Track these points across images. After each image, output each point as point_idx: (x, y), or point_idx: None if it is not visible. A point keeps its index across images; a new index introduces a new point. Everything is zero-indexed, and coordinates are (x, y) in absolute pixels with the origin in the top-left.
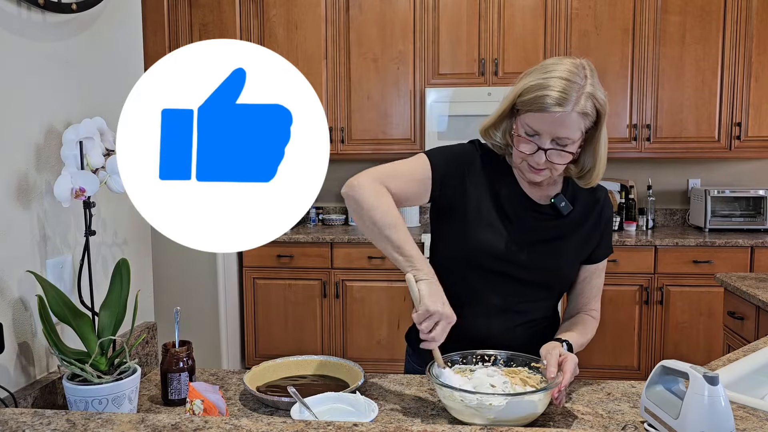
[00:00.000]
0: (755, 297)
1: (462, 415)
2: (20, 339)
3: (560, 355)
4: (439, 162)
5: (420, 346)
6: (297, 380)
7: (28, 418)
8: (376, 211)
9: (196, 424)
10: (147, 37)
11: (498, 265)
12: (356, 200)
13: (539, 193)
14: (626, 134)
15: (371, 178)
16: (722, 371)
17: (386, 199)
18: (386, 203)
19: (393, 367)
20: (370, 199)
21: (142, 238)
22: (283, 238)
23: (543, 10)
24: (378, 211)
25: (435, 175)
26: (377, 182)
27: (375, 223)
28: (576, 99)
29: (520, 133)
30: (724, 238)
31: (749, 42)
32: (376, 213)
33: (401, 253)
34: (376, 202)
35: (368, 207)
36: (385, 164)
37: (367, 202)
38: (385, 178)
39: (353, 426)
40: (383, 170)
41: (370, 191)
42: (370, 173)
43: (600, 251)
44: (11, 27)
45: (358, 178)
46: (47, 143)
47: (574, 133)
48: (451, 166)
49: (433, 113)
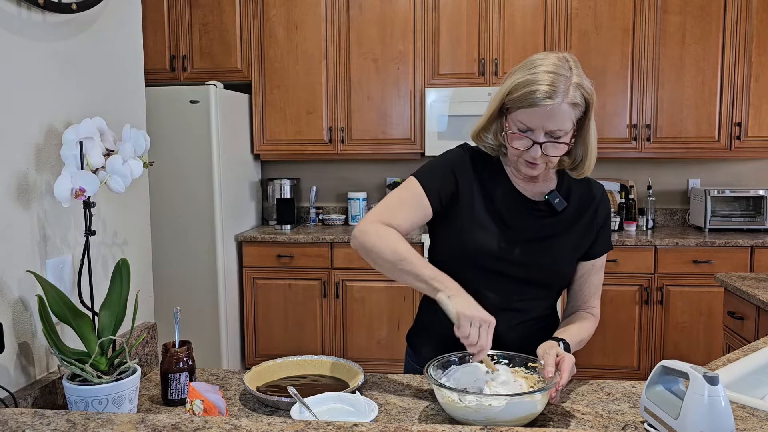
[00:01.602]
0: (755, 297)
1: (461, 416)
2: (20, 339)
3: (557, 355)
4: (429, 182)
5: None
6: (297, 380)
7: (28, 418)
8: (385, 251)
9: (196, 424)
10: (147, 37)
11: (495, 264)
12: (364, 247)
13: (533, 190)
14: (626, 134)
15: (372, 221)
16: (722, 371)
17: (392, 236)
18: (393, 241)
19: (393, 367)
20: (376, 241)
21: (142, 238)
22: (283, 238)
23: (543, 10)
24: (386, 251)
25: (430, 196)
26: (379, 223)
27: (387, 261)
28: (565, 90)
29: (513, 130)
30: (724, 238)
31: (749, 42)
32: (385, 253)
33: (421, 279)
34: (381, 243)
35: (377, 250)
36: (382, 202)
37: (374, 246)
38: (386, 216)
39: (353, 426)
40: (381, 209)
41: (373, 235)
42: (371, 216)
43: (597, 248)
44: (11, 27)
45: (360, 225)
46: (47, 143)
47: (566, 123)
48: (443, 179)
49: (433, 113)
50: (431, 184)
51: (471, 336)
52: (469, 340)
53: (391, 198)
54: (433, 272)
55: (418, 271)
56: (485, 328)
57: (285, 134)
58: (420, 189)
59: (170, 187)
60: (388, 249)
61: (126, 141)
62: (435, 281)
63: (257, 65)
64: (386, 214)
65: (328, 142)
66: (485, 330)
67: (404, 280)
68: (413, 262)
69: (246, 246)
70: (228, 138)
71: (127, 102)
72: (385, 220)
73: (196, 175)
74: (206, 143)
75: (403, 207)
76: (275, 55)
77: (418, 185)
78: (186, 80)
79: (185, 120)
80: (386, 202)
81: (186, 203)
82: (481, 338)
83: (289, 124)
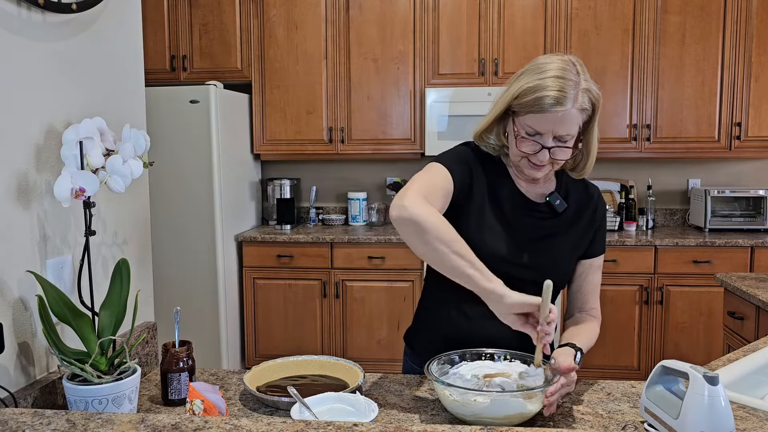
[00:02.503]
0: (755, 297)
1: (451, 409)
2: (20, 339)
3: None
4: (457, 172)
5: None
6: (297, 380)
7: (28, 418)
8: (441, 229)
9: (196, 424)
10: (147, 37)
11: (499, 265)
12: (416, 222)
13: (535, 192)
14: (626, 134)
15: (419, 196)
16: (722, 371)
17: (441, 215)
18: (443, 220)
19: (393, 367)
20: (430, 217)
21: (142, 238)
22: (283, 238)
23: (543, 10)
24: (442, 229)
25: (456, 186)
26: (425, 200)
27: (443, 241)
28: (574, 96)
29: (521, 134)
30: (724, 238)
31: (749, 42)
32: (441, 231)
33: (475, 267)
34: (436, 220)
35: (431, 227)
36: (416, 180)
37: (429, 222)
38: (428, 194)
39: (353, 426)
40: (422, 187)
41: (425, 210)
42: (414, 192)
43: (595, 247)
44: (11, 27)
45: (407, 198)
46: (47, 143)
47: (573, 128)
48: (465, 172)
49: (433, 113)
50: (457, 174)
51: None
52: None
53: (427, 178)
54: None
55: (473, 258)
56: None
57: (285, 134)
58: (449, 176)
59: (170, 187)
60: (443, 227)
61: (126, 141)
62: (487, 272)
63: (257, 65)
64: (427, 193)
65: (328, 142)
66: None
67: (453, 265)
68: (465, 247)
69: (246, 246)
70: (228, 138)
71: (127, 102)
72: (428, 199)
73: (196, 175)
74: (206, 143)
75: (438, 191)
76: (275, 55)
77: (447, 173)
78: (186, 80)
79: (185, 120)
80: (424, 181)
81: (186, 203)
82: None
83: (289, 124)
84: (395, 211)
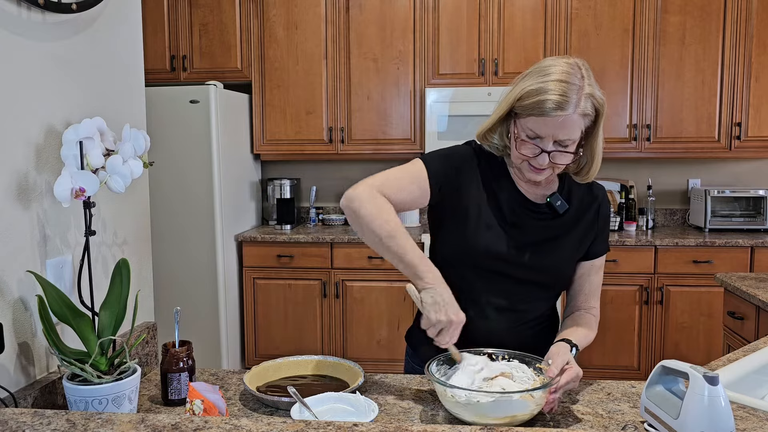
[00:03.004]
0: (755, 297)
1: (454, 411)
2: (20, 339)
3: (567, 362)
4: (436, 166)
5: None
6: (297, 380)
7: (28, 418)
8: (375, 221)
9: (196, 424)
10: (147, 37)
11: (497, 265)
12: (354, 211)
13: (536, 193)
14: (626, 134)
15: (369, 187)
16: (722, 371)
17: (385, 208)
18: (385, 213)
19: (393, 367)
20: (369, 209)
21: (142, 238)
22: (283, 238)
23: (543, 10)
24: (377, 221)
25: (432, 180)
26: (375, 191)
27: (374, 232)
28: (576, 101)
29: (522, 136)
30: (724, 238)
31: (749, 42)
32: (375, 223)
33: (403, 261)
34: (374, 212)
35: (367, 218)
36: (382, 172)
37: (366, 212)
38: (383, 186)
39: (353, 426)
40: (380, 179)
41: (368, 202)
42: (367, 183)
43: (597, 248)
44: (11, 27)
45: (355, 188)
46: (47, 143)
47: (575, 133)
48: (448, 169)
49: (433, 113)
50: (436, 170)
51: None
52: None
53: (392, 171)
54: (418, 259)
55: (403, 252)
56: (450, 329)
57: (285, 134)
58: (424, 171)
59: (170, 187)
60: (380, 220)
61: (126, 141)
62: (416, 267)
63: (257, 65)
64: (383, 185)
65: (328, 142)
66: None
67: (387, 257)
68: (400, 241)
69: (246, 246)
70: (228, 138)
71: (127, 102)
72: (382, 191)
73: (196, 175)
74: (206, 143)
75: (402, 183)
76: (275, 55)
77: (424, 167)
78: (186, 80)
79: (185, 120)
80: (386, 174)
81: (186, 203)
82: (442, 337)
83: (289, 124)
84: (342, 199)
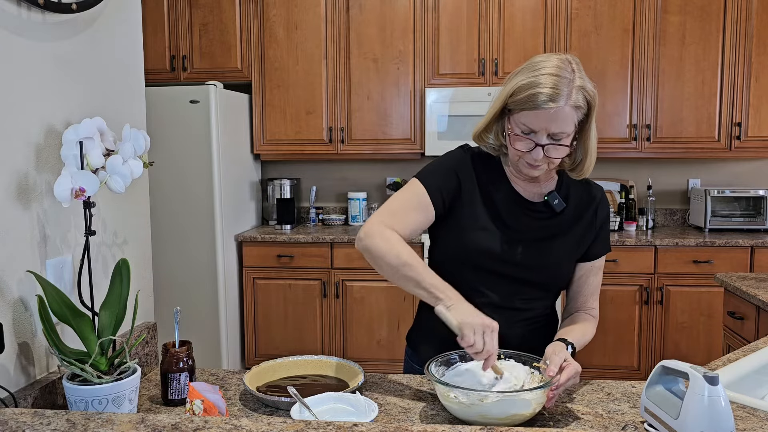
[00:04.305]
0: (755, 297)
1: (457, 412)
2: (20, 339)
3: (565, 360)
4: (432, 182)
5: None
6: (297, 380)
7: (28, 418)
8: (389, 256)
9: (196, 424)
10: (147, 37)
11: (494, 264)
12: (368, 250)
13: (533, 191)
14: (626, 134)
15: (377, 224)
16: (722, 371)
17: (395, 241)
18: (396, 246)
19: (393, 367)
20: (381, 245)
21: (142, 238)
22: (283, 238)
23: (543, 10)
24: (390, 255)
25: (433, 197)
26: (383, 227)
27: (390, 266)
28: (568, 93)
29: (516, 132)
30: (724, 238)
31: (749, 42)
32: (389, 258)
33: (422, 287)
34: (386, 247)
35: (381, 254)
36: (386, 205)
37: (378, 249)
38: (390, 219)
39: (353, 426)
40: (386, 212)
41: (378, 239)
42: (375, 219)
43: (596, 249)
44: (11, 27)
45: (365, 228)
46: (47, 143)
47: (568, 126)
48: (445, 180)
49: (433, 113)
50: (434, 185)
51: (476, 344)
52: (474, 348)
53: (394, 201)
54: (434, 280)
55: (420, 278)
56: (489, 334)
57: (285, 134)
58: (423, 190)
59: (170, 187)
60: (393, 253)
61: (126, 141)
62: (436, 289)
63: (257, 65)
64: (390, 218)
65: (328, 142)
66: (489, 336)
67: (405, 286)
68: (416, 268)
69: (246, 246)
70: (228, 138)
71: (127, 102)
72: (389, 224)
73: (196, 175)
74: (206, 143)
75: (406, 210)
76: (275, 55)
77: (421, 186)
78: (186, 80)
79: (185, 120)
80: (389, 205)
81: (186, 203)
82: (486, 345)
83: (289, 124)
84: (356, 241)
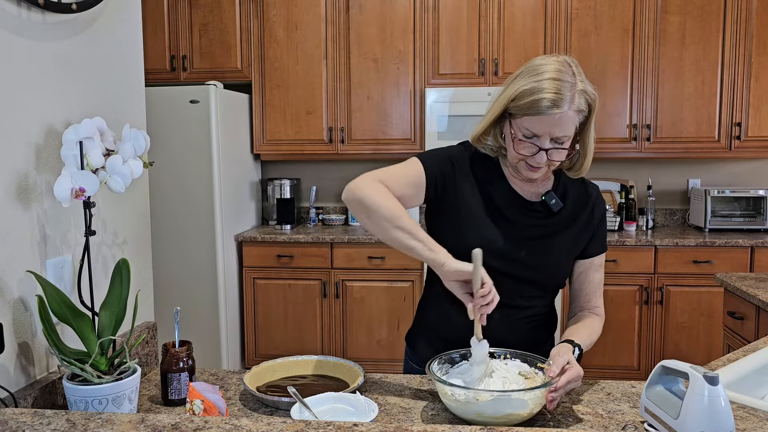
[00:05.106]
0: (755, 297)
1: (454, 409)
2: (20, 339)
3: (568, 362)
4: (432, 165)
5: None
6: (297, 380)
7: (28, 418)
8: (383, 207)
9: (196, 424)
10: (147, 37)
11: (492, 263)
12: (360, 200)
13: (530, 191)
14: (626, 134)
15: (370, 178)
16: (722, 371)
17: (389, 195)
18: (391, 198)
19: (393, 367)
20: (375, 196)
21: (142, 238)
22: (283, 238)
23: (543, 10)
24: (384, 206)
25: (429, 178)
26: (376, 181)
27: (384, 217)
28: (571, 98)
29: (519, 136)
30: (724, 238)
31: (749, 42)
32: (383, 209)
33: (417, 238)
34: (380, 199)
35: (375, 206)
36: (382, 168)
37: (373, 199)
38: (383, 179)
39: (353, 426)
40: (379, 173)
41: (372, 190)
42: (367, 175)
43: (593, 247)
44: (11, 27)
45: (356, 181)
46: (47, 143)
47: (570, 129)
48: (443, 169)
49: (433, 113)
50: (432, 168)
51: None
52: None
53: (390, 168)
54: (427, 236)
55: (415, 228)
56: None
57: (285, 134)
58: (422, 169)
59: (170, 187)
60: (387, 204)
61: (126, 141)
62: (430, 242)
63: (257, 65)
64: (385, 178)
65: (328, 142)
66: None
67: (399, 238)
68: (411, 221)
69: (246, 246)
70: (228, 138)
71: (127, 102)
72: (382, 182)
73: (196, 175)
74: (206, 143)
75: (399, 179)
76: (275, 55)
77: (421, 166)
78: (186, 80)
79: (185, 120)
80: (385, 169)
81: (186, 203)
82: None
83: (289, 124)
84: (344, 192)
